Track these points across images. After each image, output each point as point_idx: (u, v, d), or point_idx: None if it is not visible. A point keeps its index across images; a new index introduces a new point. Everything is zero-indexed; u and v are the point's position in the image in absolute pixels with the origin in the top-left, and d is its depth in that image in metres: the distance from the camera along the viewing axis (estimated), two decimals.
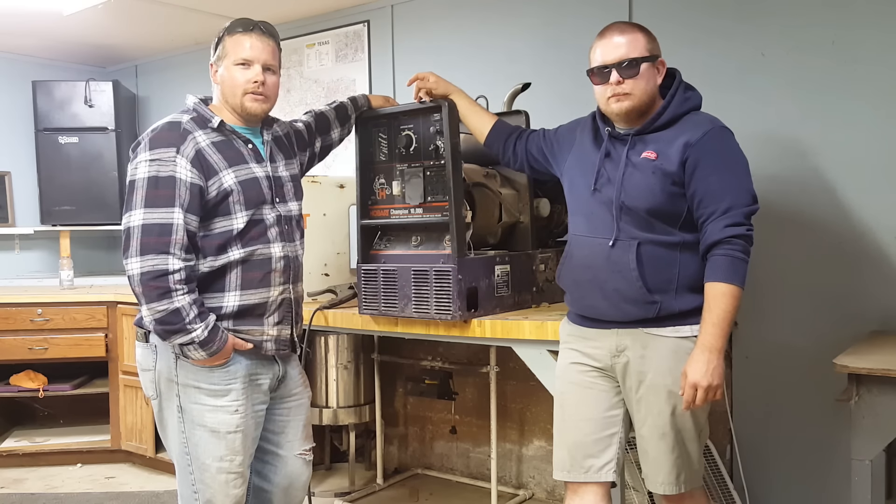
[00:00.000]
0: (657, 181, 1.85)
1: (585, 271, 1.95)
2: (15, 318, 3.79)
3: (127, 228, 1.90)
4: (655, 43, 1.91)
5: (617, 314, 1.91)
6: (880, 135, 2.41)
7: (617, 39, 1.88)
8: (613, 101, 1.88)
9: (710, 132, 1.84)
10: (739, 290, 1.81)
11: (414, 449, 3.61)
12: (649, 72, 1.88)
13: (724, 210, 1.80)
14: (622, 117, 1.91)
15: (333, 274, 3.04)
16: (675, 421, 1.88)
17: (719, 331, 1.79)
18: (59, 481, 3.72)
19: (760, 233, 2.60)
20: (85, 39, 4.31)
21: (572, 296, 2.03)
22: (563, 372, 2.03)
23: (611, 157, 1.94)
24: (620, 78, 1.85)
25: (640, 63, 1.85)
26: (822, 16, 2.49)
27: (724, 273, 1.80)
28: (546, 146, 2.19)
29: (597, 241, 1.93)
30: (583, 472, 1.96)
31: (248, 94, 2.01)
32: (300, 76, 3.96)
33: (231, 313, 2.00)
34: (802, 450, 2.59)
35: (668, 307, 1.87)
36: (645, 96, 1.88)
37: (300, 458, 2.20)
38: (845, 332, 2.41)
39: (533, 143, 2.23)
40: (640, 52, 1.86)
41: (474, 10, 3.32)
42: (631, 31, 1.89)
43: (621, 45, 1.86)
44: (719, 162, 1.83)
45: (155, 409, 2.09)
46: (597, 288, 1.92)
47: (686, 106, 1.91)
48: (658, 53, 1.91)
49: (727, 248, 1.80)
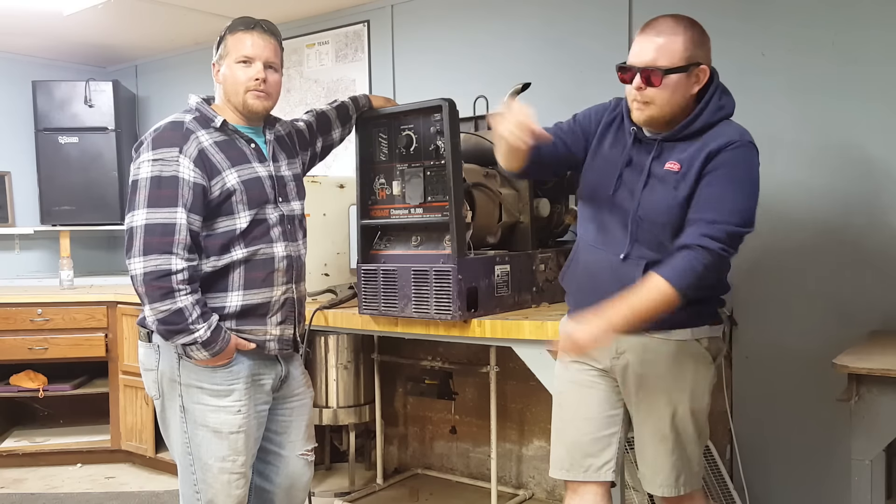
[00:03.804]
0: (679, 195, 1.76)
1: (590, 280, 1.92)
2: (15, 318, 3.79)
3: (130, 228, 1.91)
4: (700, 48, 1.75)
5: None
6: (880, 135, 2.41)
7: (652, 40, 1.73)
8: (635, 107, 1.79)
9: (734, 144, 1.73)
10: (676, 296, 1.69)
11: (414, 449, 3.61)
12: (680, 82, 1.74)
13: (709, 220, 1.71)
14: (644, 124, 1.82)
15: (333, 274, 3.04)
16: (676, 424, 1.88)
17: (628, 315, 1.70)
18: (59, 481, 3.72)
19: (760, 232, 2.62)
20: (85, 39, 4.30)
21: (574, 299, 2.02)
22: (563, 371, 2.02)
23: (633, 164, 1.84)
24: (642, 84, 1.74)
25: (666, 74, 1.72)
26: (822, 16, 2.49)
27: (673, 273, 1.70)
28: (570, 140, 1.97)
29: (606, 253, 1.87)
30: (582, 471, 1.95)
31: (250, 91, 2.01)
32: (300, 76, 3.96)
33: (234, 313, 2.00)
34: (802, 450, 2.59)
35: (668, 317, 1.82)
36: (668, 107, 1.76)
37: (302, 458, 2.20)
38: (845, 332, 2.41)
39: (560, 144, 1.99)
40: (671, 60, 1.72)
41: (474, 10, 3.32)
42: (671, 31, 1.73)
43: (653, 49, 1.72)
44: (728, 174, 1.72)
45: (157, 409, 2.09)
46: (600, 298, 1.85)
47: (720, 115, 1.79)
48: (700, 60, 1.75)
49: (691, 254, 1.70)
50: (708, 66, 1.78)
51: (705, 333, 1.89)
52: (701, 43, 1.76)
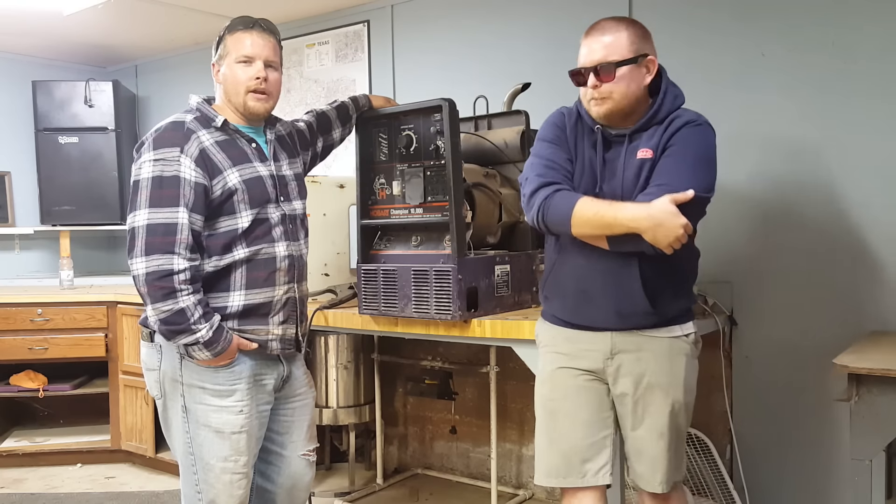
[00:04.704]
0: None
1: (581, 283, 1.91)
2: (15, 318, 3.79)
3: (132, 228, 1.91)
4: (645, 41, 1.85)
5: (615, 323, 1.89)
6: (880, 135, 2.41)
7: (598, 40, 1.83)
8: (593, 105, 1.86)
9: (692, 123, 1.83)
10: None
11: (414, 449, 3.61)
12: (632, 73, 1.82)
13: (662, 183, 1.76)
14: (604, 120, 1.88)
15: (333, 274, 3.04)
16: (672, 420, 1.90)
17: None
18: (59, 481, 3.72)
19: (761, 232, 2.62)
20: (85, 39, 4.31)
21: (559, 306, 1.98)
22: (551, 377, 1.99)
23: (608, 160, 1.89)
24: (597, 82, 1.82)
25: (618, 66, 1.80)
26: (822, 16, 2.49)
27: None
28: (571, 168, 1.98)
29: (594, 250, 1.86)
30: (580, 476, 1.93)
31: (250, 91, 2.01)
32: (300, 76, 3.96)
33: (236, 313, 2.00)
34: (802, 450, 2.59)
35: (664, 314, 1.89)
36: (626, 100, 1.83)
37: (304, 458, 2.20)
38: (845, 332, 2.41)
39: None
40: (621, 53, 1.81)
41: (474, 10, 3.33)
42: (615, 29, 1.83)
43: (601, 47, 1.81)
44: (683, 149, 1.80)
45: (159, 409, 2.10)
46: (593, 301, 1.89)
47: (677, 103, 1.88)
48: (647, 52, 1.84)
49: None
50: (655, 58, 1.87)
51: (691, 329, 1.95)
52: (644, 37, 1.86)
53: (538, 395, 2.04)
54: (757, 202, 2.62)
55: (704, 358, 2.05)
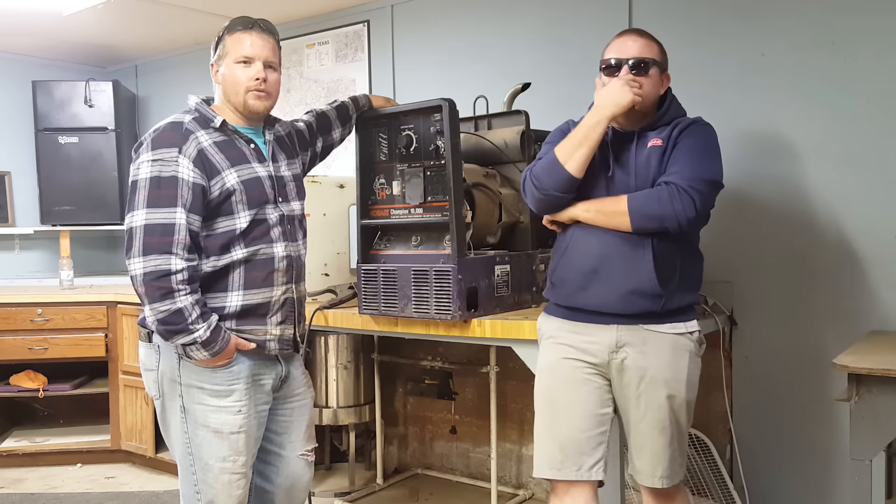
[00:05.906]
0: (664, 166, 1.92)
1: (592, 261, 1.94)
2: (15, 318, 3.80)
3: (129, 229, 1.91)
4: (665, 57, 2.00)
5: (623, 306, 1.91)
6: (880, 134, 2.41)
7: (635, 40, 1.97)
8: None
9: (699, 122, 1.97)
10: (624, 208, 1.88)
11: (414, 449, 3.61)
12: (657, 78, 1.96)
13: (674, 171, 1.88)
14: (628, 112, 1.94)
15: (333, 274, 3.04)
16: (673, 415, 1.92)
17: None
18: (59, 481, 3.72)
19: (761, 232, 2.62)
20: (85, 39, 4.31)
21: (568, 289, 2.00)
22: (554, 367, 2.02)
23: (619, 153, 1.98)
24: (631, 74, 1.93)
25: (652, 64, 1.94)
26: (822, 16, 2.49)
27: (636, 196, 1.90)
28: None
29: (607, 232, 1.93)
30: (575, 469, 1.96)
31: (250, 91, 2.01)
32: (300, 76, 3.96)
33: (234, 313, 2.00)
34: (802, 450, 2.59)
35: (670, 302, 1.91)
36: (649, 99, 1.95)
37: (302, 458, 2.20)
38: (845, 332, 2.41)
39: None
40: (653, 56, 1.96)
41: (474, 10, 3.32)
42: (648, 38, 1.99)
43: (638, 46, 1.95)
44: (692, 144, 1.91)
45: (158, 409, 2.09)
46: (604, 279, 1.92)
47: (680, 111, 2.03)
48: (666, 66, 2.00)
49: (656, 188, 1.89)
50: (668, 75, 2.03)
51: (695, 327, 1.97)
52: (665, 53, 2.01)
53: (539, 385, 2.06)
54: (757, 202, 2.62)
55: (705, 358, 2.05)
